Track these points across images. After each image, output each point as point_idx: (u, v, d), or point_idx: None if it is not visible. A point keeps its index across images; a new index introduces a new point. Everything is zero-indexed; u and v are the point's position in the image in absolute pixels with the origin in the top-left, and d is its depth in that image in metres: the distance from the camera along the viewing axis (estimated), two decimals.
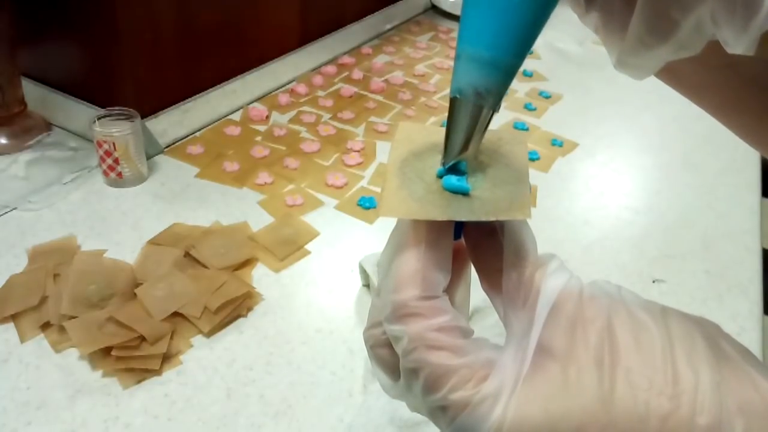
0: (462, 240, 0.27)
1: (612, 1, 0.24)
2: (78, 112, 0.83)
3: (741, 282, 0.70)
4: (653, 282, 0.69)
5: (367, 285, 0.64)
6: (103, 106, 0.77)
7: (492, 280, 0.26)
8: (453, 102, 0.25)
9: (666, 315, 0.23)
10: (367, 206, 0.76)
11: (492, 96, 0.25)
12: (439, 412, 0.23)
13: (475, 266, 0.27)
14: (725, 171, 0.92)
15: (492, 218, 0.25)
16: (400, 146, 0.28)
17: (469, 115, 0.25)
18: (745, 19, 0.20)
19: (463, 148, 0.25)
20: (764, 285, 0.70)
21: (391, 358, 0.26)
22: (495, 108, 0.25)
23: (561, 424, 0.21)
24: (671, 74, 0.31)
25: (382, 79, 1.08)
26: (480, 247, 0.26)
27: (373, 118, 0.96)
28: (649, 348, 0.22)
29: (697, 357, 0.22)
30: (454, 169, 0.26)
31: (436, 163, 0.26)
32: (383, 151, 0.87)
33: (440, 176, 0.26)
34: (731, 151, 0.96)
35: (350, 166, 0.83)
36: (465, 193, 0.25)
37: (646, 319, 0.23)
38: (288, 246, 0.68)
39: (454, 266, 0.27)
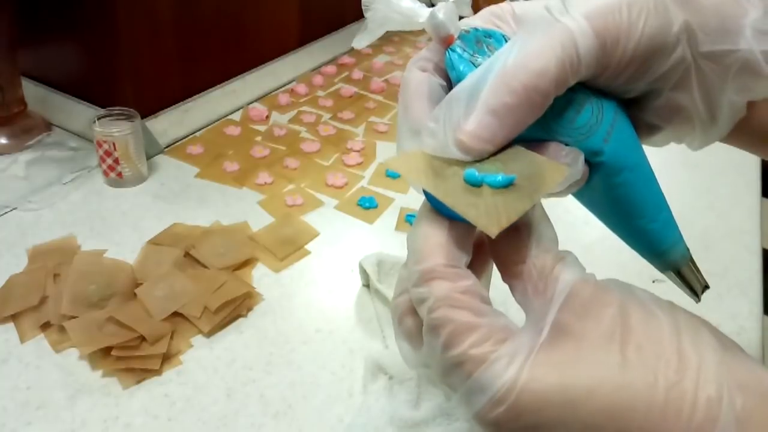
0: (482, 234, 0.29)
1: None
2: (78, 112, 0.83)
3: (741, 282, 0.69)
4: (653, 282, 0.69)
5: (367, 285, 0.64)
6: (103, 106, 0.77)
7: (512, 272, 0.27)
8: None
9: (674, 309, 0.26)
10: (367, 206, 0.76)
11: None
12: (456, 369, 0.25)
13: (494, 258, 0.29)
14: (725, 171, 0.92)
15: (561, 185, 0.28)
16: (420, 178, 0.27)
17: None
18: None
19: None
20: (764, 285, 0.70)
21: (414, 326, 0.28)
22: None
23: (573, 386, 0.23)
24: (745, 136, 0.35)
25: (382, 79, 1.08)
26: (500, 240, 0.27)
27: (373, 118, 0.96)
28: (657, 332, 0.24)
29: (702, 343, 0.24)
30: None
31: (454, 174, 0.27)
32: (383, 151, 0.87)
33: (469, 179, 0.27)
34: (731, 151, 0.95)
35: (350, 166, 0.83)
36: (512, 183, 0.27)
37: (656, 310, 0.25)
38: (288, 246, 0.68)
39: (477, 263, 0.29)
